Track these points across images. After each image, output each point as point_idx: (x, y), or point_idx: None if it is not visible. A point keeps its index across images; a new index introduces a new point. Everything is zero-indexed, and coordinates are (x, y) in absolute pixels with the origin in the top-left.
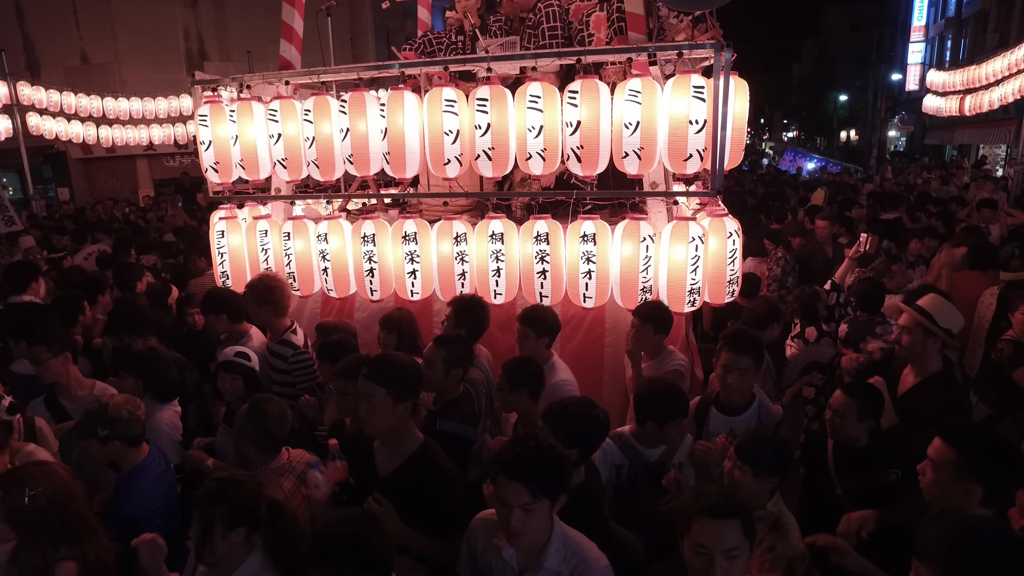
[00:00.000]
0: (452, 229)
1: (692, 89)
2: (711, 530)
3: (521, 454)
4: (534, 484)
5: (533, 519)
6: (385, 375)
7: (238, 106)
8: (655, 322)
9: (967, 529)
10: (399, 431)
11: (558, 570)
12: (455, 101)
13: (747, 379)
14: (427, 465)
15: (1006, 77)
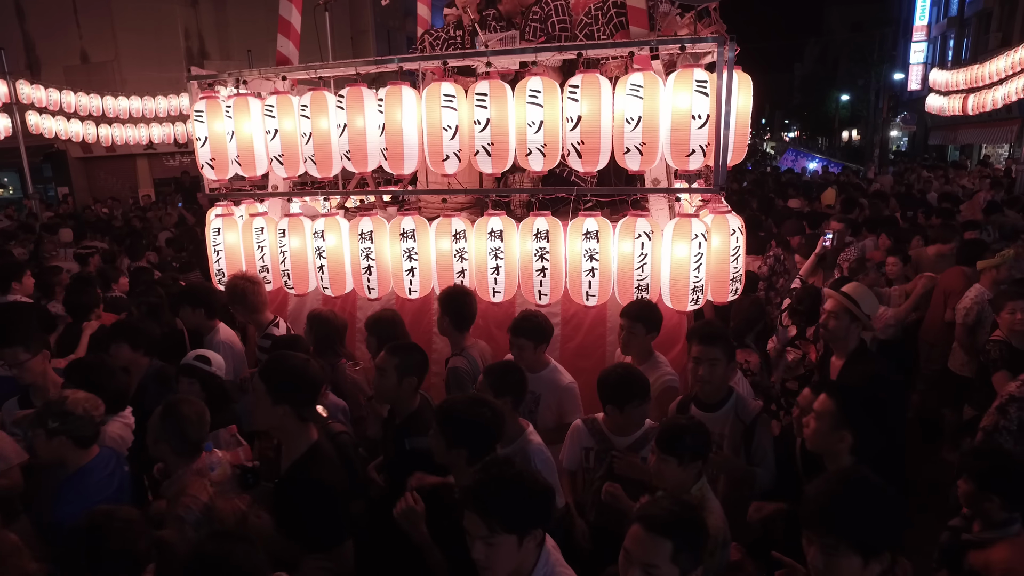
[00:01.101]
0: (451, 226)
1: (695, 84)
2: (640, 539)
3: (483, 483)
4: (491, 517)
5: (497, 553)
6: (267, 372)
7: (234, 102)
8: (645, 321)
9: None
10: (287, 432)
11: None
12: (454, 96)
13: (718, 370)
14: (303, 473)
15: (1009, 76)
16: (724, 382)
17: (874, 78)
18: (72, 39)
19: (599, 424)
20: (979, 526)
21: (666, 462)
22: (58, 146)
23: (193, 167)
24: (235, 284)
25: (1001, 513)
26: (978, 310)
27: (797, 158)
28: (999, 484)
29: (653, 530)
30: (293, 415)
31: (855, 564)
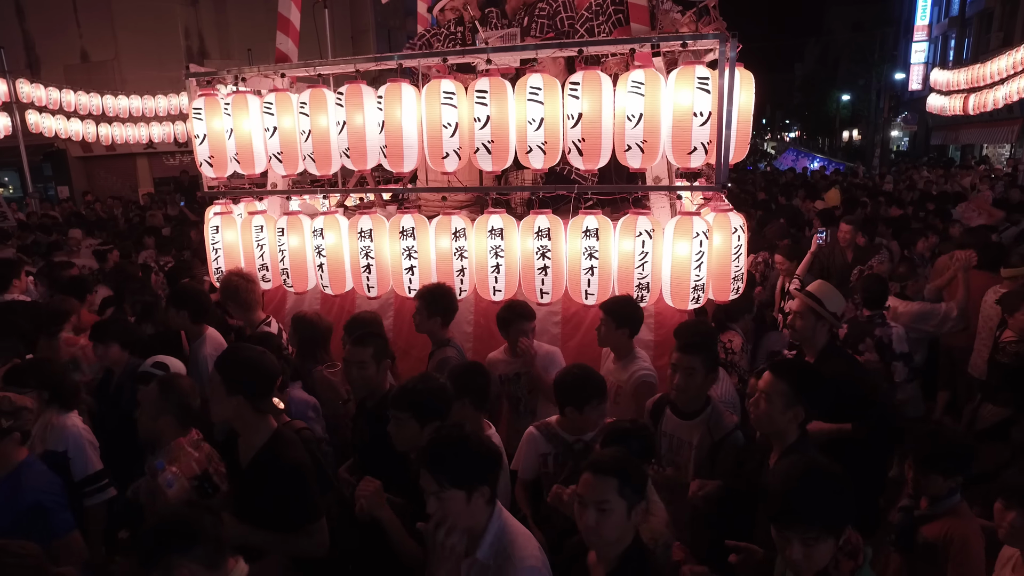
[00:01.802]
0: (451, 224)
1: (696, 81)
2: (589, 482)
3: (434, 443)
4: (439, 474)
5: (447, 507)
6: (222, 363)
7: (233, 99)
8: (616, 315)
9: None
10: (244, 423)
11: (486, 562)
12: (454, 93)
13: (695, 380)
14: (272, 458)
15: (1010, 76)
16: (701, 391)
17: (875, 78)
18: (72, 38)
19: (554, 427)
20: (926, 503)
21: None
22: (58, 145)
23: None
24: (229, 281)
25: (944, 488)
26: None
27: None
28: (941, 463)
29: (600, 471)
30: (248, 406)
31: (831, 545)
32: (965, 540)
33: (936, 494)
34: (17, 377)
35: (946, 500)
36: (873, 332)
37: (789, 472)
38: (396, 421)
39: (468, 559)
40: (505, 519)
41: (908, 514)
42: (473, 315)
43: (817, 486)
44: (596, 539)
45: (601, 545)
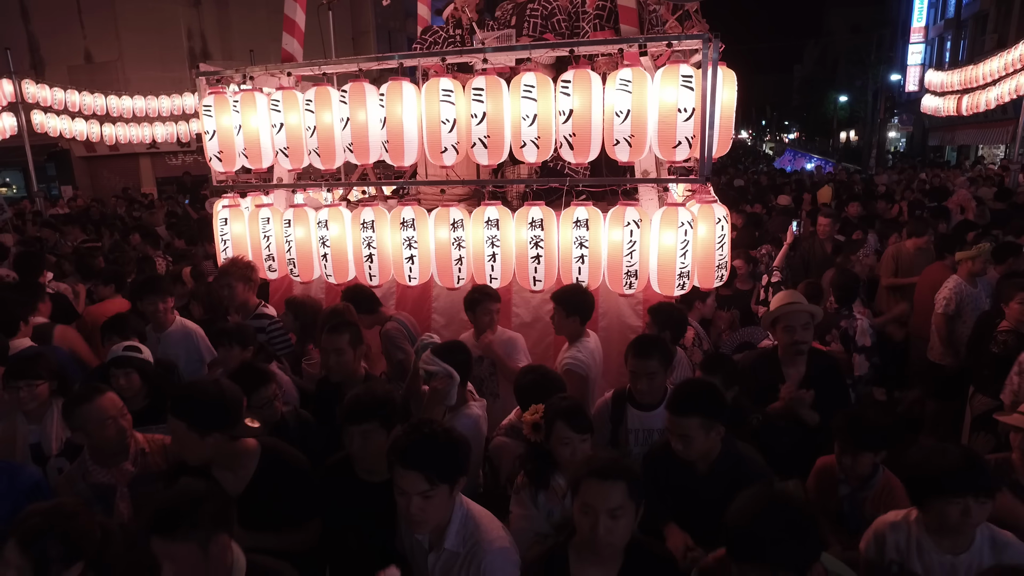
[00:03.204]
0: (449, 216)
1: (681, 78)
2: (597, 490)
3: (415, 442)
4: (431, 471)
5: (432, 505)
6: (183, 408)
7: (241, 96)
8: (566, 304)
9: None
10: (227, 455)
11: (456, 550)
12: (452, 91)
13: (657, 382)
14: (276, 471)
15: (1003, 77)
16: (663, 387)
17: (871, 79)
18: (76, 39)
19: (519, 426)
20: (858, 484)
21: (574, 440)
22: (62, 145)
23: (195, 166)
24: (242, 263)
25: (869, 465)
26: (957, 300)
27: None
28: (865, 440)
29: (607, 477)
30: (226, 439)
31: None
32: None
33: (863, 473)
34: (28, 369)
35: (872, 478)
36: (839, 323)
37: (751, 507)
38: (362, 434)
39: (434, 552)
40: (467, 505)
41: (851, 500)
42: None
43: (782, 524)
44: (608, 548)
45: (612, 553)
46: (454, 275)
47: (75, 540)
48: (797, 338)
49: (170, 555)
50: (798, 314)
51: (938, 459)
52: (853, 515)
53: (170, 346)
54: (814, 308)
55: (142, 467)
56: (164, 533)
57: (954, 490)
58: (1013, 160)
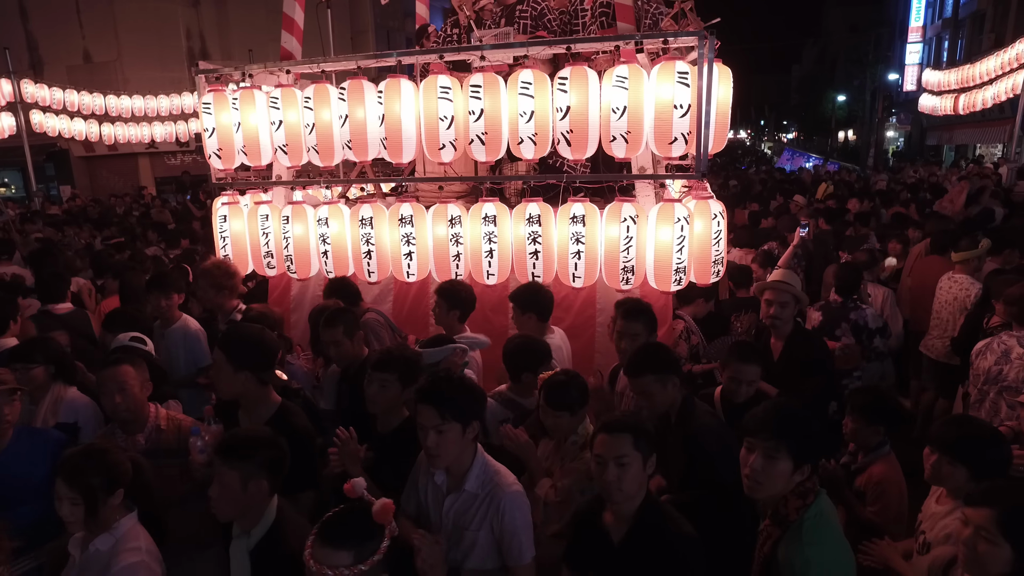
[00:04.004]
0: (447, 212)
1: (677, 75)
2: (606, 441)
3: (434, 383)
4: (443, 407)
5: (445, 440)
6: (225, 341)
7: (240, 94)
8: (521, 302)
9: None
10: (251, 398)
11: (476, 492)
12: (450, 88)
13: (639, 343)
14: (281, 427)
15: (999, 76)
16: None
17: (869, 78)
18: (75, 39)
19: (507, 394)
20: (861, 455)
21: (558, 416)
22: (61, 145)
23: (194, 166)
24: (210, 270)
25: (878, 438)
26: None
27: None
28: (879, 414)
29: (614, 430)
30: (254, 380)
31: (787, 469)
32: (882, 481)
33: (868, 443)
34: (25, 353)
35: (877, 450)
36: (848, 316)
37: (772, 404)
38: (380, 382)
39: (452, 495)
40: (485, 455)
41: (847, 468)
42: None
43: (792, 415)
44: (618, 493)
45: (622, 499)
46: (452, 271)
47: (111, 470)
48: (773, 312)
49: (219, 474)
50: (782, 292)
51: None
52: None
53: (171, 343)
54: (800, 293)
55: (154, 443)
56: (221, 455)
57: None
58: (1010, 159)
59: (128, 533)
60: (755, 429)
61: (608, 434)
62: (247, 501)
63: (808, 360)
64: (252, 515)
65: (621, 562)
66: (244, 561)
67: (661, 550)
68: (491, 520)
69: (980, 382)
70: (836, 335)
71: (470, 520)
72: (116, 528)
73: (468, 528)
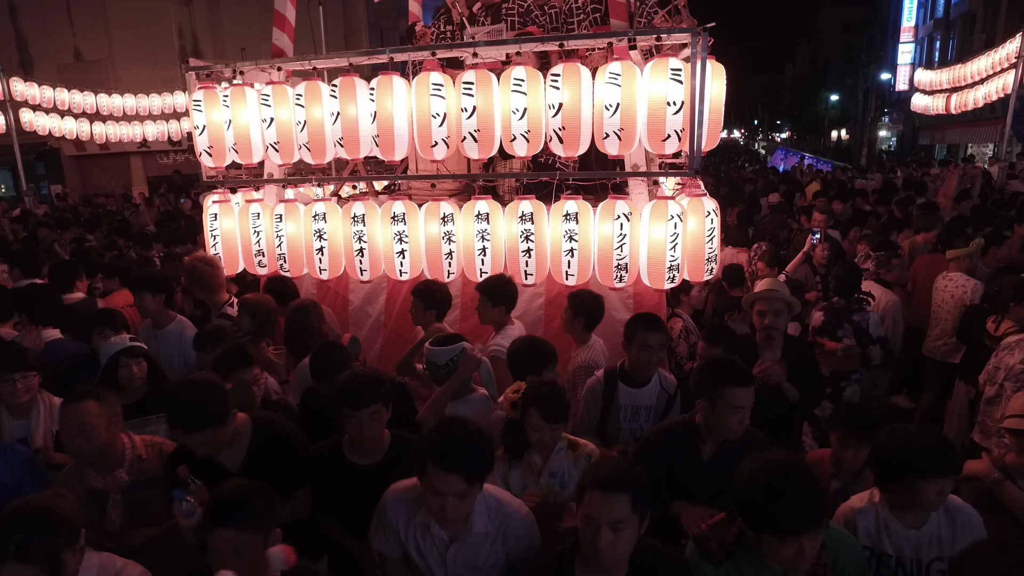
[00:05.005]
0: (439, 210)
1: (670, 72)
2: (600, 502)
3: (454, 444)
4: (469, 471)
5: (465, 503)
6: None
7: (231, 91)
8: (490, 295)
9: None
10: (225, 441)
11: (486, 531)
12: (442, 85)
13: (656, 355)
14: (269, 442)
15: (990, 75)
16: (656, 364)
17: (862, 78)
18: (65, 37)
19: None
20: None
21: (540, 428)
22: (52, 144)
23: (186, 165)
24: (192, 266)
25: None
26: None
27: (787, 156)
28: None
29: (611, 489)
30: (219, 428)
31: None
32: None
33: (857, 468)
34: (18, 361)
35: (862, 472)
36: (851, 318)
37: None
38: (370, 416)
39: (456, 543)
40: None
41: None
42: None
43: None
44: (610, 560)
45: (613, 566)
46: (444, 269)
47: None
48: (768, 322)
49: (236, 546)
50: (774, 300)
51: (921, 442)
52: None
53: (165, 344)
54: (791, 299)
55: (137, 474)
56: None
57: (936, 471)
58: (1000, 158)
59: (103, 562)
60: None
61: (603, 493)
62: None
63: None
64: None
65: None
66: None
67: None
68: (508, 550)
69: (1001, 377)
70: (838, 336)
71: (484, 559)
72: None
73: (482, 568)
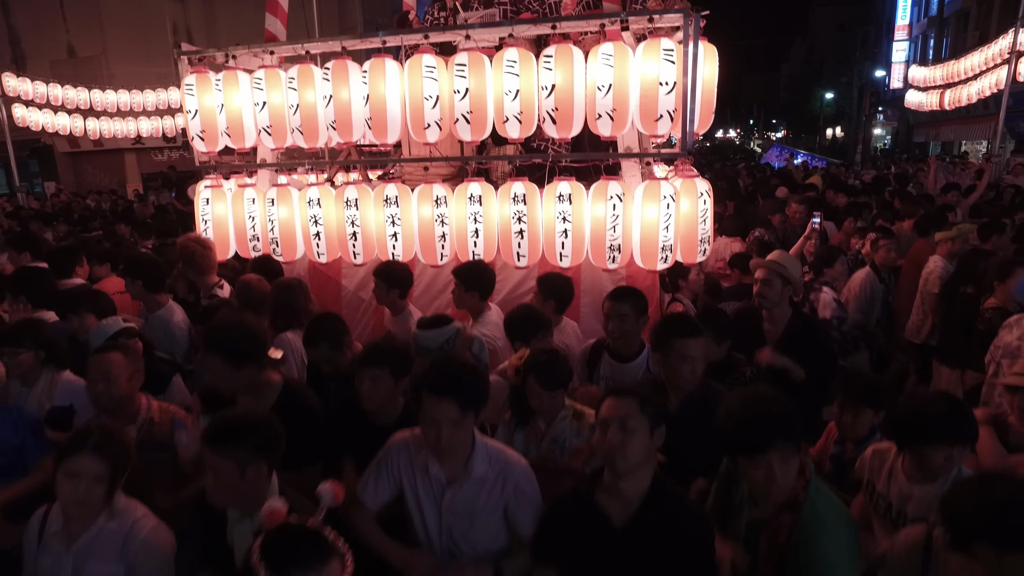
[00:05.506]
0: (432, 192)
1: (662, 52)
2: (612, 404)
3: (446, 372)
4: (462, 398)
5: (460, 433)
6: (216, 343)
7: (224, 75)
8: (464, 279)
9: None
10: (254, 388)
11: (484, 475)
12: (435, 67)
13: (627, 325)
14: (294, 407)
15: (984, 71)
16: (635, 336)
17: (857, 76)
18: (59, 33)
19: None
20: (852, 446)
21: (555, 395)
22: (45, 141)
23: (181, 162)
24: (185, 245)
25: (867, 426)
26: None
27: (781, 153)
28: (868, 397)
29: (621, 395)
30: (255, 370)
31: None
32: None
33: (860, 435)
34: (13, 337)
35: (868, 440)
36: (810, 296)
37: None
38: (371, 378)
39: (454, 486)
40: (481, 435)
41: (838, 460)
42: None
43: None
44: (621, 460)
45: (625, 468)
46: (437, 252)
47: (129, 450)
48: (760, 290)
49: (214, 466)
50: (769, 271)
51: (927, 408)
52: (836, 476)
53: (150, 329)
54: (787, 273)
55: (146, 435)
56: (213, 445)
57: (940, 438)
58: (994, 154)
59: (128, 505)
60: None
61: (615, 398)
62: (246, 488)
63: (806, 348)
64: (253, 499)
65: (627, 550)
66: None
67: (676, 537)
68: (507, 499)
69: (999, 354)
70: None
71: (482, 505)
72: (115, 505)
73: (480, 513)
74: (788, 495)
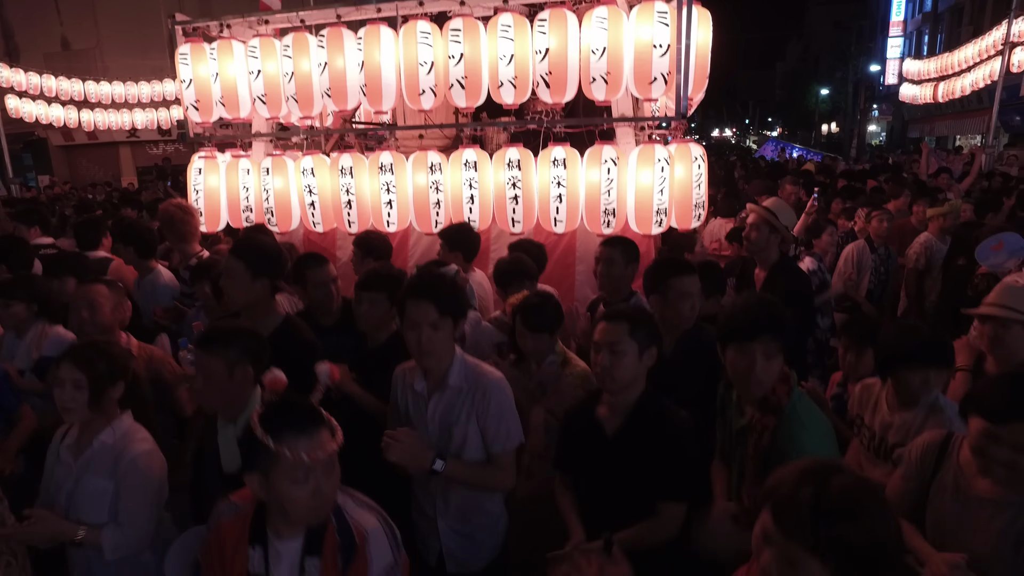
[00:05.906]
0: (427, 159)
1: (656, 15)
2: (604, 329)
3: (429, 279)
4: (440, 302)
5: (439, 337)
6: (242, 250)
7: (218, 44)
8: (449, 240)
9: None
10: (261, 307)
11: (460, 386)
12: (429, 33)
13: (614, 270)
14: (288, 339)
15: (978, 63)
16: (623, 283)
17: (852, 71)
18: (52, 25)
19: (501, 317)
20: (852, 385)
21: (529, 336)
22: (39, 134)
23: (175, 155)
24: (165, 210)
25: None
26: (927, 255)
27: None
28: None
29: (613, 319)
30: (269, 288)
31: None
32: None
33: (863, 375)
34: (7, 290)
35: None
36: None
37: (747, 301)
38: (369, 300)
39: (435, 396)
40: (462, 352)
41: (839, 400)
42: None
43: (771, 307)
44: (610, 381)
45: (615, 387)
46: (432, 219)
47: (114, 361)
48: (747, 232)
49: (203, 366)
50: (758, 215)
51: (908, 334)
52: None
53: (142, 290)
54: (775, 221)
55: None
56: (202, 346)
57: (918, 360)
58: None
59: (131, 427)
60: (753, 332)
61: (606, 322)
62: (233, 389)
63: (788, 290)
64: (238, 403)
65: (615, 454)
66: (234, 449)
67: (657, 439)
68: (478, 410)
69: None
70: None
71: (457, 415)
72: (118, 423)
73: (457, 424)
74: (772, 400)
